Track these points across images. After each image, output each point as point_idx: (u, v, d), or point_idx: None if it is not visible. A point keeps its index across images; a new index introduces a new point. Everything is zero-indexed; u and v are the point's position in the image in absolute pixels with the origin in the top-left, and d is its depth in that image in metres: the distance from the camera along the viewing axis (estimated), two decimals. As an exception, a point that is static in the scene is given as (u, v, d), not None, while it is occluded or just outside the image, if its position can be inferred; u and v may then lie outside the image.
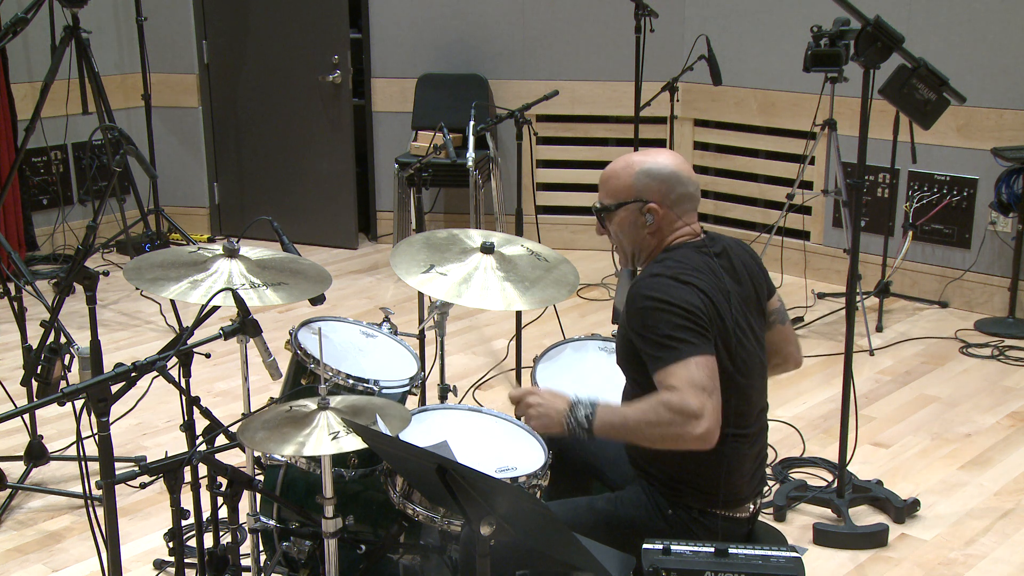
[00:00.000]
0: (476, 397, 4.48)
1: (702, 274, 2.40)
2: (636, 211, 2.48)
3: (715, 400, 2.26)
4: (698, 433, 2.23)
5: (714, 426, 2.24)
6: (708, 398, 2.24)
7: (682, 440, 2.26)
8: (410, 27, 6.52)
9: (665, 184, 2.46)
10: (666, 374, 2.28)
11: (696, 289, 2.35)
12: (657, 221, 2.47)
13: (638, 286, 2.39)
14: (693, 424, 2.23)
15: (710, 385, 2.26)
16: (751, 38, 6.02)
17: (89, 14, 5.52)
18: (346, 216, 6.65)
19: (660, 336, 2.30)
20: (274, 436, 2.39)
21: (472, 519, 1.99)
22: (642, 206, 2.47)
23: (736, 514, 2.49)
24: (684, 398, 2.24)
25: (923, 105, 3.08)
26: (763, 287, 2.57)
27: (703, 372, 2.26)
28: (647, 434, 2.30)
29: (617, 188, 2.50)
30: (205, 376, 4.56)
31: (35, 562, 3.35)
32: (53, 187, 6.34)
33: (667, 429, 2.26)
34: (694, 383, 2.24)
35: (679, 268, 2.39)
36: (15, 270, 3.48)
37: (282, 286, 2.77)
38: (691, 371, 2.25)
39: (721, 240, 2.54)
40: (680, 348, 2.28)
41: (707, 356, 2.29)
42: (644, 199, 2.46)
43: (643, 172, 2.47)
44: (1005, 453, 4.01)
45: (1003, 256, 5.34)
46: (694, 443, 2.25)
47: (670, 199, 2.46)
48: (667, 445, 2.30)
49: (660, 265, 2.43)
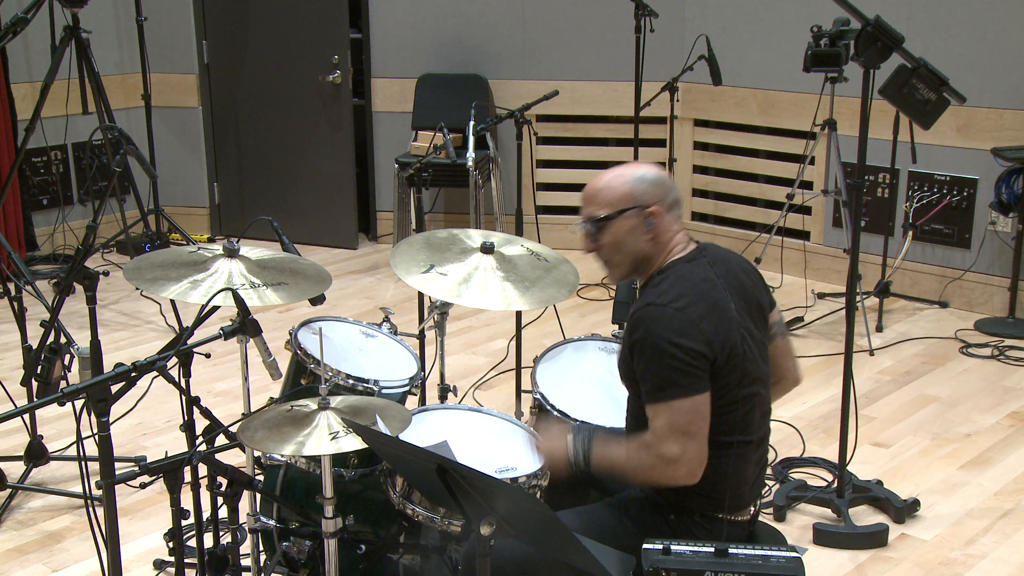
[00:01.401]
0: (476, 397, 4.48)
1: (702, 294, 2.38)
2: (636, 217, 2.45)
3: (696, 443, 2.34)
4: (679, 476, 2.35)
5: (695, 468, 2.35)
6: (689, 441, 2.32)
7: (665, 480, 2.38)
8: (410, 27, 6.52)
9: (660, 188, 2.47)
10: (652, 411, 2.37)
11: (697, 315, 2.34)
12: (657, 226, 2.46)
13: (638, 315, 2.38)
14: (672, 468, 2.34)
15: (692, 428, 2.33)
16: (751, 38, 6.02)
17: (89, 14, 5.52)
18: (346, 216, 6.65)
19: (652, 374, 2.35)
20: (274, 436, 2.39)
21: (472, 519, 1.99)
22: (642, 211, 2.45)
23: (737, 517, 2.49)
24: (663, 445, 2.34)
25: (923, 105, 3.07)
26: (764, 297, 2.55)
27: (686, 417, 2.32)
28: (634, 475, 2.44)
29: (612, 198, 2.46)
30: (205, 376, 4.56)
31: (35, 562, 3.35)
32: (53, 187, 6.34)
33: (650, 472, 2.38)
34: (675, 428, 2.32)
35: (677, 292, 2.37)
36: (15, 270, 3.48)
37: (282, 286, 2.77)
38: (674, 416, 2.33)
39: (715, 250, 2.53)
40: (668, 390, 2.33)
41: (694, 398, 2.32)
42: (644, 203, 2.45)
43: (637, 179, 2.47)
44: (1005, 453, 4.01)
45: (1003, 256, 5.34)
46: (678, 483, 2.37)
47: (666, 203, 2.47)
48: (655, 484, 2.43)
49: (657, 291, 2.40)
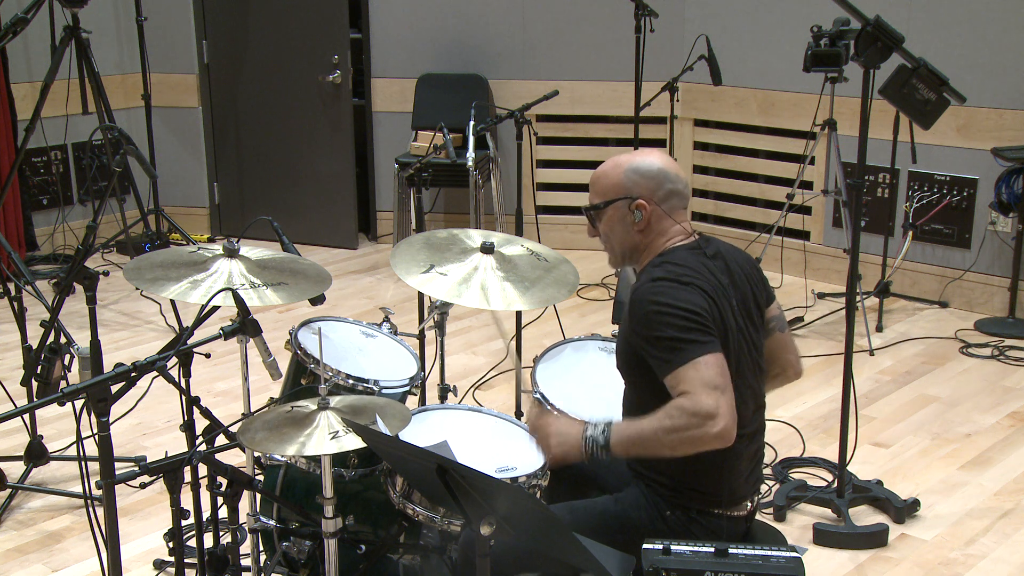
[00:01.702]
0: (476, 397, 4.48)
1: (701, 274, 2.41)
2: (625, 208, 2.50)
3: (728, 397, 2.26)
4: (716, 431, 2.22)
5: (731, 423, 2.24)
6: (721, 395, 2.24)
7: (701, 442, 2.25)
8: (410, 27, 6.52)
9: (653, 181, 2.48)
10: (676, 377, 2.28)
11: (699, 290, 2.36)
12: (646, 217, 2.48)
13: (640, 292, 2.40)
14: (710, 424, 2.22)
15: (722, 383, 2.26)
16: (751, 38, 6.02)
17: (89, 14, 5.52)
18: (346, 216, 6.65)
19: (667, 339, 2.30)
20: (274, 436, 2.39)
21: (472, 519, 1.99)
22: (631, 202, 2.48)
23: (734, 513, 2.49)
24: (697, 400, 2.23)
25: (923, 105, 3.07)
26: (761, 292, 2.56)
27: (713, 371, 2.26)
28: (665, 441, 2.28)
29: (606, 186, 2.53)
30: (205, 376, 4.55)
31: (35, 562, 3.35)
32: (53, 187, 6.34)
33: (684, 433, 2.25)
34: (705, 383, 2.24)
35: (679, 270, 2.40)
36: (15, 270, 3.48)
37: (282, 286, 2.77)
38: (701, 371, 2.26)
39: (716, 243, 2.54)
40: (688, 349, 2.28)
41: (715, 354, 2.29)
42: (633, 195, 2.48)
43: (631, 169, 2.50)
44: (1005, 453, 4.01)
45: (1003, 256, 5.34)
46: (713, 442, 2.24)
47: (658, 195, 2.48)
48: (686, 450, 2.27)
49: (659, 269, 2.43)
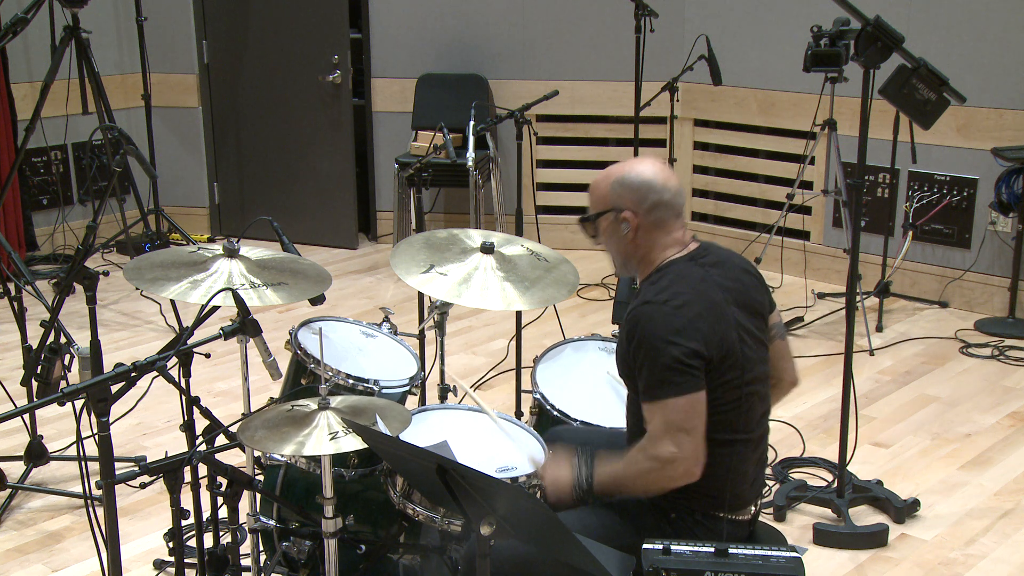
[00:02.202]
0: (476, 397, 4.47)
1: (699, 292, 2.39)
2: (613, 220, 2.51)
3: (693, 438, 2.33)
4: (676, 476, 2.35)
5: (692, 463, 2.34)
6: (685, 438, 2.33)
7: (667, 482, 2.38)
8: (410, 27, 6.52)
9: (637, 192, 2.47)
10: (648, 410, 2.38)
11: (692, 314, 2.35)
12: (633, 229, 2.48)
13: (634, 314, 2.40)
14: (670, 468, 2.34)
15: (688, 426, 2.33)
16: (751, 38, 6.02)
17: (89, 14, 5.52)
18: (346, 216, 6.65)
19: (648, 371, 2.36)
20: (274, 436, 2.39)
21: (472, 519, 1.99)
22: (617, 215, 2.49)
23: (738, 517, 2.49)
24: (656, 445, 2.34)
25: (923, 105, 3.07)
26: (764, 299, 2.56)
27: (680, 415, 2.33)
28: (635, 485, 2.42)
29: (597, 197, 2.55)
30: (205, 376, 4.55)
31: (35, 562, 3.34)
32: (53, 187, 6.34)
33: (649, 477, 2.38)
34: (670, 427, 2.33)
35: (674, 291, 2.39)
36: (15, 270, 3.48)
37: (282, 286, 2.77)
38: (667, 414, 2.34)
39: (715, 250, 2.53)
40: (661, 389, 2.34)
41: (689, 396, 2.33)
42: (618, 207, 2.49)
43: (617, 181, 2.50)
44: (1005, 453, 4.01)
45: (1003, 256, 5.34)
46: (678, 483, 2.37)
47: (643, 207, 2.47)
48: (656, 490, 2.41)
49: (655, 288, 2.42)
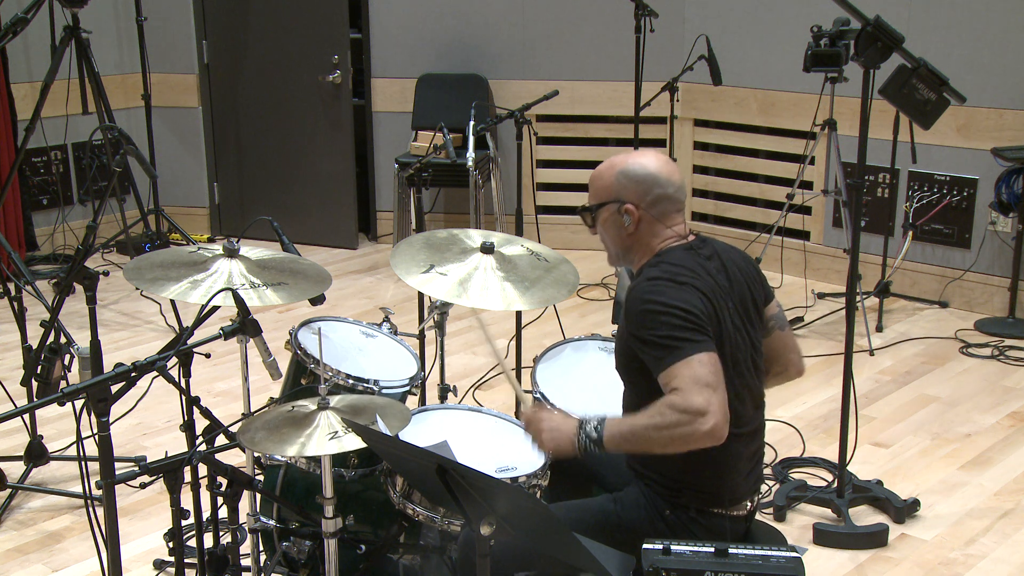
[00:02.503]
0: (476, 397, 4.48)
1: (698, 274, 2.41)
2: (615, 211, 2.51)
3: (720, 395, 2.26)
4: (706, 430, 2.23)
5: (722, 421, 2.24)
6: (713, 393, 2.24)
7: (692, 439, 2.25)
8: (410, 27, 6.52)
9: (641, 185, 2.48)
10: (669, 375, 2.28)
11: (694, 289, 2.37)
12: (634, 222, 2.48)
13: (636, 291, 2.41)
14: (700, 421, 2.22)
15: (714, 381, 2.26)
16: (751, 38, 6.02)
17: (89, 14, 5.52)
18: (346, 216, 6.65)
19: (661, 338, 2.31)
20: (274, 436, 2.39)
21: (472, 519, 1.99)
22: (619, 206, 2.49)
23: (734, 512, 2.49)
24: (687, 397, 2.24)
25: (923, 105, 3.07)
26: (759, 291, 2.56)
27: (706, 369, 2.27)
28: (656, 438, 2.29)
29: (599, 188, 2.54)
30: (205, 376, 4.55)
31: (35, 562, 3.35)
32: (53, 187, 6.34)
33: (675, 430, 2.25)
34: (697, 380, 2.25)
35: (675, 270, 2.41)
36: (15, 270, 3.48)
37: (282, 286, 2.77)
38: (694, 369, 2.26)
39: (712, 243, 2.55)
40: (682, 347, 2.29)
41: (709, 353, 2.29)
42: (621, 199, 2.49)
43: (622, 173, 2.50)
44: (1005, 453, 4.01)
45: (1003, 256, 5.34)
46: (704, 440, 2.25)
47: (646, 200, 2.48)
48: (677, 447, 2.28)
49: (655, 268, 2.44)
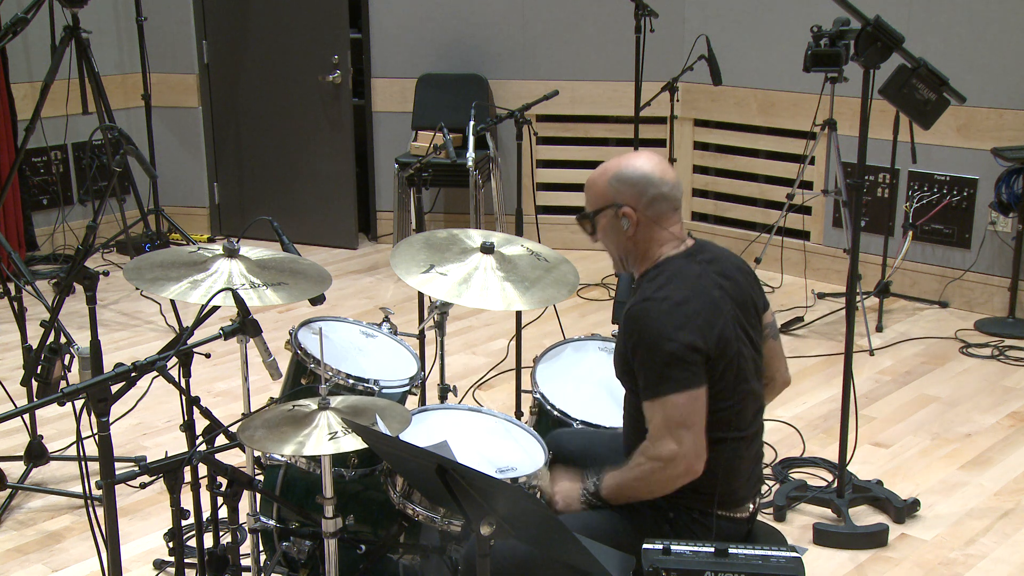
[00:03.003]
0: (476, 397, 4.48)
1: (697, 290, 2.40)
2: (613, 216, 2.50)
3: (693, 433, 2.35)
4: (680, 472, 2.36)
5: (693, 461, 2.36)
6: (687, 432, 2.34)
7: (671, 482, 2.39)
8: (410, 27, 6.52)
9: (636, 187, 2.47)
10: (648, 408, 2.39)
11: (692, 313, 2.36)
12: (633, 224, 2.47)
13: (633, 312, 2.41)
14: (671, 467, 2.35)
15: (688, 420, 2.34)
16: (751, 38, 6.02)
17: (89, 14, 5.52)
18: (346, 216, 6.65)
19: (647, 369, 2.37)
20: (273, 435, 2.39)
21: (472, 519, 1.99)
22: (617, 210, 2.48)
23: (736, 514, 2.50)
24: (657, 446, 2.36)
25: (923, 105, 3.07)
26: (759, 298, 2.57)
27: (681, 411, 2.34)
28: (641, 488, 2.43)
29: (595, 194, 2.54)
30: (205, 376, 4.55)
31: (35, 562, 3.35)
32: (53, 187, 6.34)
33: (652, 478, 2.39)
34: (670, 423, 2.35)
35: (672, 288, 2.40)
36: (15, 270, 3.48)
37: (282, 286, 2.77)
38: (668, 411, 2.35)
39: (710, 248, 2.54)
40: (662, 386, 2.34)
41: (689, 392, 2.34)
42: (618, 203, 2.48)
43: (615, 176, 2.49)
44: (1005, 453, 4.01)
45: (1003, 256, 5.34)
46: (681, 480, 2.38)
47: (643, 202, 2.47)
48: (661, 490, 2.42)
49: (653, 285, 2.43)
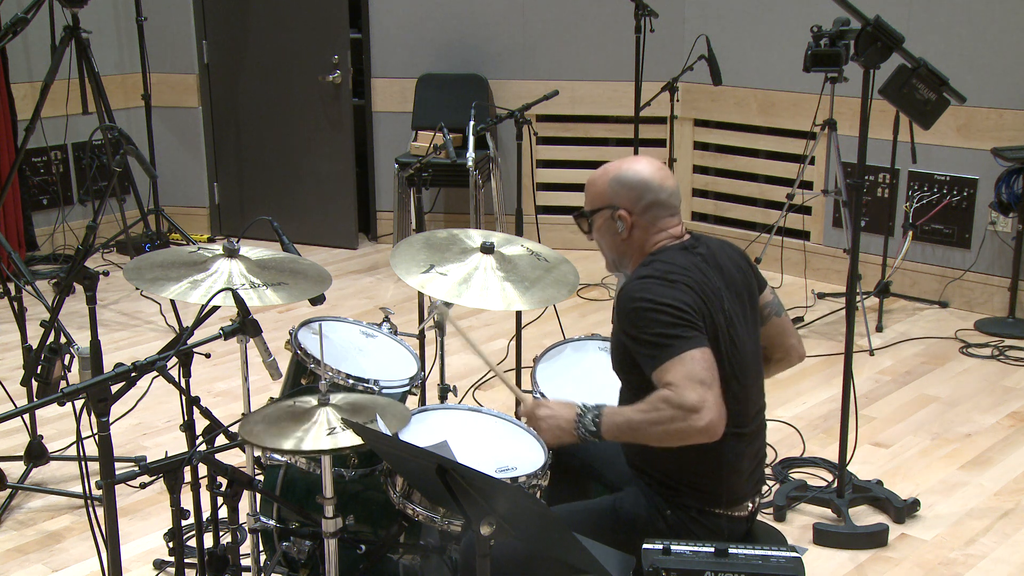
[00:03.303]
0: (476, 397, 4.48)
1: (690, 273, 2.41)
2: (608, 217, 2.52)
3: (715, 392, 2.26)
4: (701, 426, 2.23)
5: (717, 418, 2.24)
6: (707, 390, 2.24)
7: (686, 435, 2.25)
8: (410, 27, 6.52)
9: (634, 191, 2.49)
10: (662, 372, 2.28)
11: (685, 287, 2.37)
12: (627, 228, 2.49)
13: (627, 290, 2.41)
14: (694, 418, 2.23)
15: (708, 377, 2.26)
16: (751, 38, 6.02)
17: (89, 14, 5.52)
18: (346, 216, 6.65)
19: (652, 335, 2.31)
20: (272, 430, 2.40)
21: (472, 519, 1.99)
22: (613, 212, 2.50)
23: (735, 513, 2.50)
24: (682, 393, 2.24)
25: (923, 105, 3.07)
26: (753, 283, 2.58)
27: (699, 365, 2.27)
28: (652, 432, 2.30)
29: (593, 194, 2.55)
30: (205, 376, 4.55)
31: (35, 562, 3.35)
32: (53, 187, 6.34)
33: (669, 425, 2.26)
34: (691, 377, 2.25)
35: (666, 268, 2.41)
36: (15, 270, 3.48)
37: (282, 286, 2.77)
38: (687, 366, 2.26)
39: (705, 240, 2.55)
40: (674, 344, 2.29)
41: (702, 349, 2.30)
42: (615, 205, 2.50)
43: (615, 179, 2.51)
44: (1005, 453, 4.01)
45: (1003, 256, 5.34)
46: (698, 436, 2.25)
47: (639, 206, 2.48)
48: (672, 442, 2.29)
49: (647, 268, 2.45)
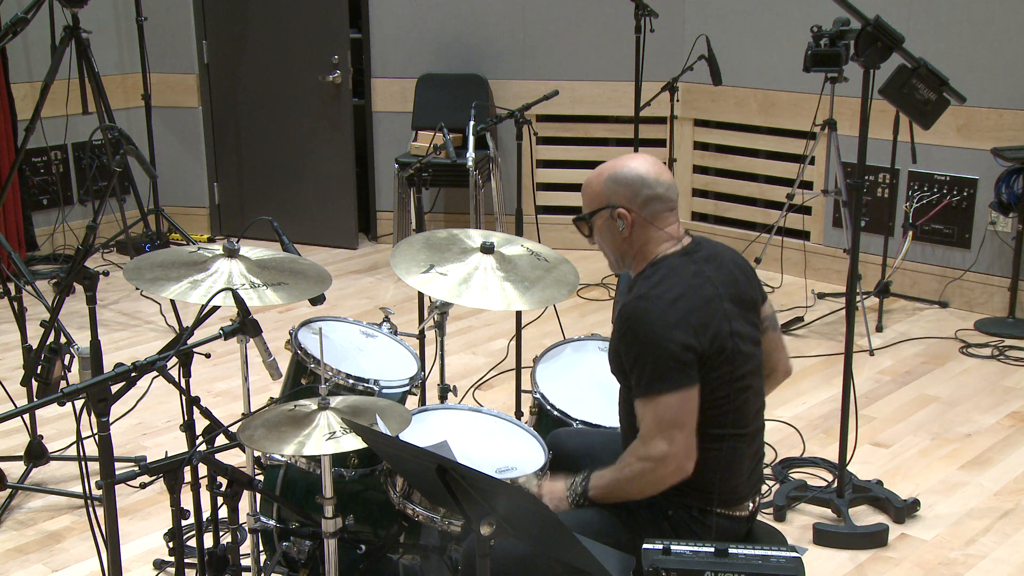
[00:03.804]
0: (476, 397, 4.48)
1: (693, 288, 2.40)
2: (608, 217, 2.51)
3: (684, 432, 2.35)
4: (670, 472, 2.36)
5: (684, 459, 2.36)
6: (678, 432, 2.34)
7: (661, 482, 2.39)
8: (410, 27, 6.52)
9: (630, 188, 2.48)
10: (641, 404, 2.39)
11: (686, 313, 2.36)
12: (628, 225, 2.48)
13: (628, 309, 2.41)
14: (662, 466, 2.36)
15: (680, 420, 2.35)
16: (751, 38, 6.02)
17: (89, 14, 5.52)
18: (346, 216, 6.65)
19: (641, 369, 2.37)
20: (273, 434, 2.39)
21: (472, 519, 1.99)
22: (612, 212, 2.50)
23: (735, 513, 2.50)
24: (648, 445, 2.36)
25: (923, 105, 3.07)
26: (756, 293, 2.57)
27: (672, 411, 2.35)
28: (630, 489, 2.43)
29: (590, 196, 2.55)
30: (205, 376, 4.55)
31: (35, 562, 3.35)
32: (53, 187, 6.34)
33: (643, 479, 2.39)
34: (660, 422, 2.35)
35: (666, 287, 2.40)
36: (15, 270, 3.48)
37: (282, 286, 2.77)
38: (660, 411, 2.35)
39: (707, 245, 2.54)
40: (656, 386, 2.35)
41: (682, 392, 2.34)
42: (613, 204, 2.49)
43: (610, 178, 2.51)
44: (1005, 453, 4.01)
45: (1003, 256, 5.34)
46: (672, 479, 2.38)
47: (637, 202, 2.48)
48: (653, 491, 2.41)
49: (648, 283, 2.43)
